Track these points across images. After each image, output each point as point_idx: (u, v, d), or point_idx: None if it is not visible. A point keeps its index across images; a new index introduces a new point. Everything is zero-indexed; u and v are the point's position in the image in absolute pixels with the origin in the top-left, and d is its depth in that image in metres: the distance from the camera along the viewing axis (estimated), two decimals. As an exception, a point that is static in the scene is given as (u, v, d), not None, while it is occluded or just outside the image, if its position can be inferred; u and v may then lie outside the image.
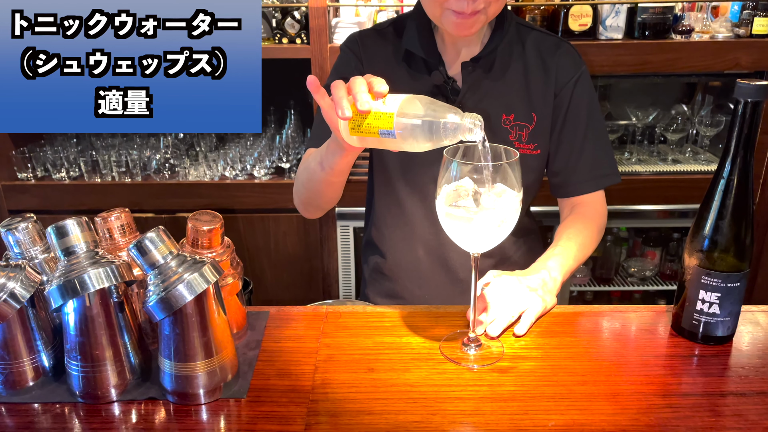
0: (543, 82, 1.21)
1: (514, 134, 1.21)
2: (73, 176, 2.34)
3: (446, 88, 1.20)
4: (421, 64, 1.21)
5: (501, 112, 1.21)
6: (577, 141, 1.23)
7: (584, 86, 1.22)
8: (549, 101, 1.21)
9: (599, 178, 1.25)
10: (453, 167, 0.82)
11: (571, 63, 1.22)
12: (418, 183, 1.26)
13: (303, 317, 1.01)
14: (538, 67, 1.21)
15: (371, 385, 0.85)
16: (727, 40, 2.15)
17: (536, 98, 1.21)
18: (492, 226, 0.82)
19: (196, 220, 0.88)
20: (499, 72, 1.21)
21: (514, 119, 1.21)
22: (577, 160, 1.24)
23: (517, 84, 1.21)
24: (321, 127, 1.24)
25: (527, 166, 1.21)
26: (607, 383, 0.85)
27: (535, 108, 1.21)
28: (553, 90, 1.21)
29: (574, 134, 1.23)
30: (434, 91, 1.21)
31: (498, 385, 0.85)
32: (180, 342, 0.79)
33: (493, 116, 1.20)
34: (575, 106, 1.22)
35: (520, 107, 1.21)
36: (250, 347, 0.93)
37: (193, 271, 0.78)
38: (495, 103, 1.21)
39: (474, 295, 0.91)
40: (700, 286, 0.91)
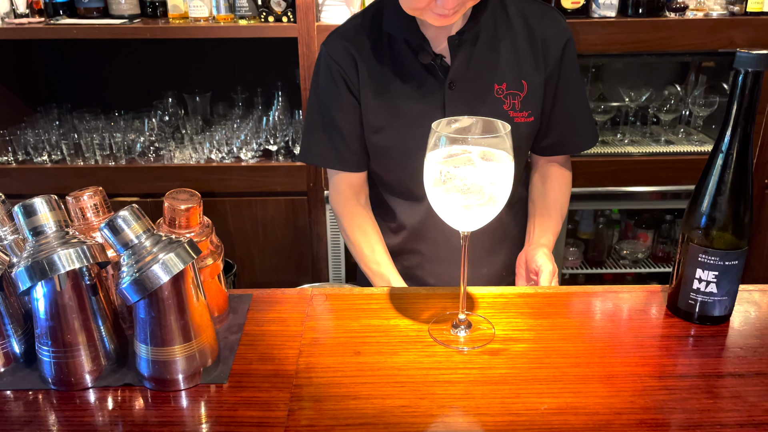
0: (531, 49, 1.20)
1: (508, 103, 1.20)
2: (55, 160, 2.29)
3: (435, 66, 1.17)
4: (405, 46, 1.18)
5: (493, 83, 1.19)
6: (570, 102, 1.25)
7: (572, 50, 1.23)
8: (539, 68, 1.20)
9: (590, 137, 1.32)
10: (442, 142, 0.78)
11: (557, 28, 1.21)
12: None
13: (287, 300, 0.98)
14: (524, 34, 1.20)
15: (357, 368, 0.82)
16: (721, 17, 2.11)
17: (526, 65, 1.20)
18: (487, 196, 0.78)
19: (173, 199, 0.84)
20: (487, 42, 1.18)
21: (507, 88, 1.19)
22: (572, 119, 1.27)
23: (505, 52, 1.19)
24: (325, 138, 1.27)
25: (521, 134, 1.22)
26: (601, 365, 0.82)
27: (525, 75, 1.20)
28: (542, 56, 1.20)
29: (567, 96, 1.25)
30: (422, 71, 1.18)
31: (489, 368, 0.82)
32: (156, 326, 0.76)
33: (486, 87, 1.18)
34: (566, 69, 1.22)
35: (511, 76, 1.19)
36: (232, 331, 0.90)
37: (168, 251, 0.74)
38: (486, 74, 1.18)
39: (464, 275, 0.88)
40: (697, 264, 0.88)
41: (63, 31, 2.09)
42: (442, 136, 0.78)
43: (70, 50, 2.55)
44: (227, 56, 2.55)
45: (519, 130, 1.21)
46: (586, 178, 2.24)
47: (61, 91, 2.62)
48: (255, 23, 2.10)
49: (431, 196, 0.82)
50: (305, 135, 1.30)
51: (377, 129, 1.22)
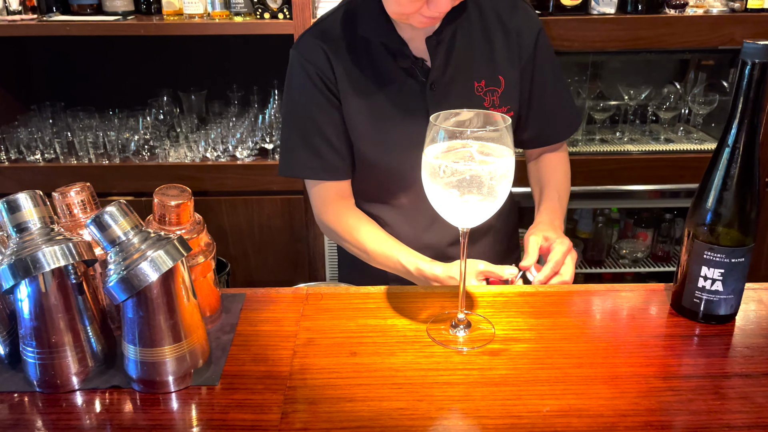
0: (505, 44, 1.18)
1: (489, 100, 1.19)
2: (48, 158, 2.26)
3: (415, 69, 1.15)
4: (382, 49, 1.15)
5: (473, 81, 1.17)
6: (548, 92, 1.25)
7: (545, 38, 1.22)
8: (514, 62, 1.19)
9: (572, 124, 1.32)
10: (440, 136, 0.76)
11: (529, 20, 1.20)
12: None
13: (282, 299, 0.95)
14: (498, 29, 1.18)
15: (353, 370, 0.79)
16: (722, 14, 2.09)
17: (501, 61, 1.18)
18: (486, 192, 0.76)
19: (163, 195, 0.82)
20: (463, 40, 1.17)
21: (486, 85, 1.18)
22: (551, 109, 1.27)
23: (480, 49, 1.18)
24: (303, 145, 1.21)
25: None
26: (604, 366, 0.80)
27: (502, 71, 1.18)
28: (517, 50, 1.19)
29: (543, 86, 1.24)
30: (402, 75, 1.15)
31: (489, 369, 0.79)
32: (145, 326, 0.73)
33: (467, 86, 1.17)
34: (541, 59, 1.21)
35: (488, 72, 1.18)
36: (224, 331, 0.87)
37: (157, 248, 0.71)
38: (465, 73, 1.17)
39: (463, 273, 0.85)
40: (702, 262, 0.86)
41: (55, 27, 2.06)
42: (441, 130, 0.76)
43: (64, 48, 2.52)
44: (223, 54, 2.52)
45: None
46: (585, 176, 2.22)
47: (55, 90, 2.59)
48: (250, 20, 2.08)
49: (429, 191, 0.79)
50: (284, 148, 1.23)
51: (359, 134, 1.19)
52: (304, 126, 1.19)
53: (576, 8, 2.09)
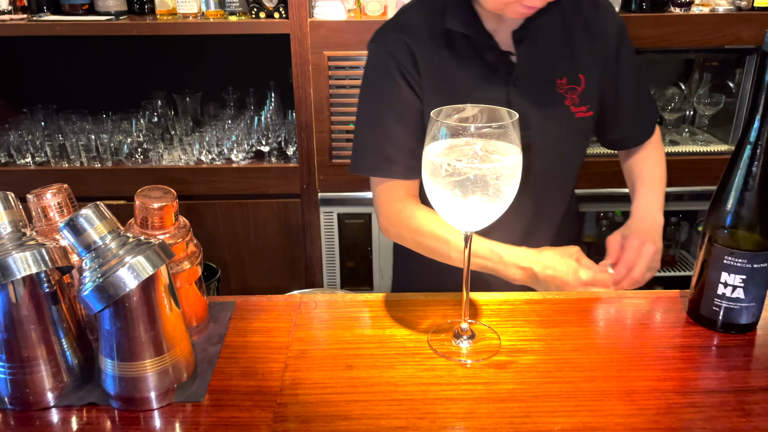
0: (587, 41, 1.14)
1: (569, 99, 1.14)
2: (39, 162, 2.20)
3: (500, 64, 1.10)
4: (465, 43, 1.10)
5: (555, 78, 1.13)
6: (633, 91, 1.22)
7: (627, 36, 1.19)
8: (596, 60, 1.15)
9: (654, 121, 1.29)
10: (442, 132, 0.71)
11: (612, 17, 1.17)
12: None
13: (273, 308, 0.90)
14: (579, 27, 1.14)
15: (349, 384, 0.74)
16: (728, 13, 2.04)
17: (582, 58, 1.14)
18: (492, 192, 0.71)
19: (145, 197, 0.76)
20: (545, 36, 1.12)
21: (566, 83, 1.13)
22: (639, 108, 1.24)
23: (561, 46, 1.13)
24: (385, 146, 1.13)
25: (581, 130, 1.18)
26: (619, 379, 0.74)
27: (582, 69, 1.14)
28: (600, 49, 1.15)
29: (630, 86, 1.21)
30: (486, 72, 1.10)
31: (495, 383, 0.74)
32: (123, 338, 0.68)
33: (548, 83, 1.13)
34: (625, 58, 1.18)
35: (569, 70, 1.13)
36: (212, 342, 0.82)
37: (137, 253, 0.66)
38: (548, 69, 1.13)
39: (466, 279, 0.80)
40: (722, 267, 0.80)
41: (45, 27, 2.01)
42: (443, 127, 0.70)
43: (57, 50, 2.47)
44: (218, 55, 2.47)
45: (581, 126, 1.16)
46: (588, 179, 2.16)
47: (49, 92, 2.53)
48: (246, 19, 2.03)
49: (430, 192, 0.74)
50: (356, 144, 1.17)
51: None
52: (378, 122, 1.14)
53: (579, 7, 2.04)
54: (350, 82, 2.04)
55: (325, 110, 2.06)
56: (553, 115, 1.13)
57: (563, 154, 1.19)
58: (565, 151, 1.18)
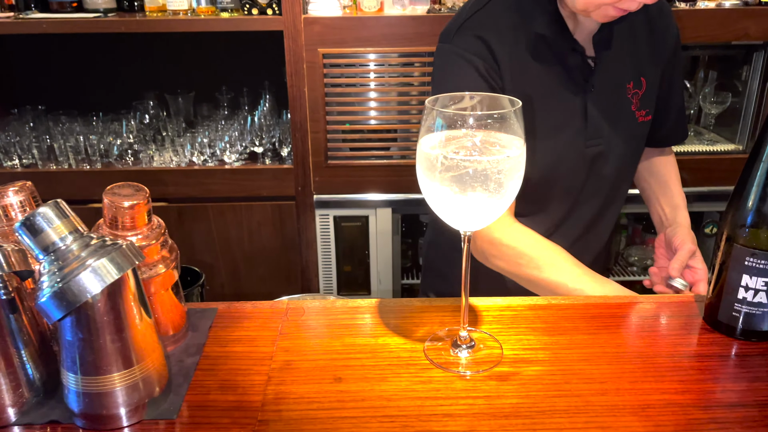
0: (649, 45, 1.13)
1: (635, 103, 1.13)
2: (26, 164, 2.14)
3: (579, 71, 1.07)
4: (546, 47, 1.04)
5: (624, 82, 1.11)
6: (678, 94, 1.25)
7: (680, 41, 1.21)
8: (658, 64, 1.15)
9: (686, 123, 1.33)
10: (438, 123, 0.64)
11: (670, 20, 1.17)
12: None
13: (258, 315, 0.83)
14: (644, 28, 1.13)
15: (337, 399, 0.67)
16: (735, 8, 1.98)
17: (644, 62, 1.13)
18: (492, 188, 0.64)
19: (114, 194, 0.70)
20: (618, 40, 1.10)
21: (633, 87, 1.12)
22: (680, 110, 1.27)
23: (628, 49, 1.11)
24: None
25: (642, 135, 1.18)
26: (633, 392, 0.68)
27: (644, 72, 1.13)
28: (662, 51, 1.15)
29: (676, 89, 1.25)
30: (564, 75, 1.06)
31: (497, 397, 0.67)
32: (86, 349, 0.61)
33: (620, 88, 1.11)
34: (678, 60, 1.21)
35: (634, 73, 1.12)
36: (189, 353, 0.75)
37: (100, 255, 0.59)
38: (620, 73, 1.11)
39: (465, 284, 0.74)
40: (743, 269, 0.74)
41: (31, 25, 1.95)
42: (439, 116, 0.64)
43: (46, 49, 2.41)
44: (212, 54, 2.41)
45: (642, 130, 1.17)
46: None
47: (37, 93, 2.47)
48: (238, 16, 1.97)
49: (425, 188, 0.68)
50: None
51: None
52: None
53: (581, 2, 1.98)
54: (346, 80, 1.98)
55: (320, 110, 2.00)
56: (621, 121, 1.12)
57: (627, 159, 1.19)
58: (629, 157, 1.20)
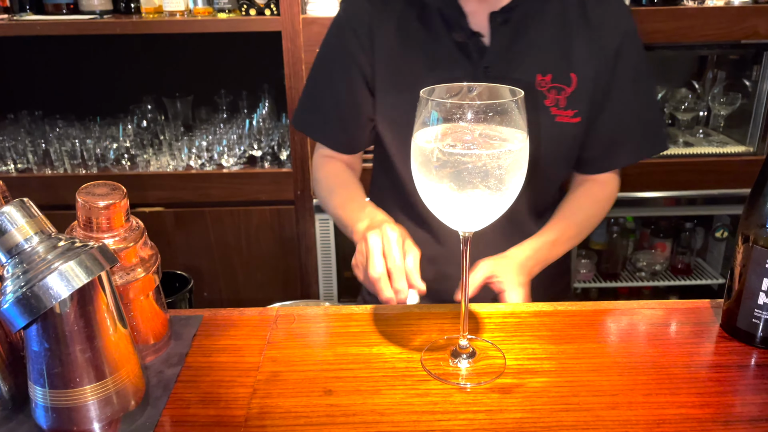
0: (585, 39, 1.01)
1: (551, 99, 1.01)
2: (21, 168, 2.11)
3: (469, 46, 0.99)
4: (438, 19, 1.00)
5: (535, 72, 1.00)
6: (624, 108, 1.05)
7: (633, 44, 1.02)
8: (593, 61, 1.01)
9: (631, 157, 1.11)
10: (434, 114, 0.60)
11: (618, 14, 1.02)
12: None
13: (246, 323, 0.78)
14: (579, 20, 1.01)
15: (326, 413, 0.63)
16: (744, 5, 1.93)
17: (577, 57, 1.00)
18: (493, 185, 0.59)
19: (88, 194, 0.66)
20: (533, 25, 1.00)
21: (551, 80, 1.00)
22: (623, 130, 1.07)
23: (553, 39, 1.01)
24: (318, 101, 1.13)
25: (561, 136, 1.02)
26: (646, 406, 0.63)
27: (575, 68, 1.00)
28: (598, 48, 1.01)
29: (616, 106, 1.04)
30: (453, 51, 1.00)
31: (499, 411, 0.62)
32: (54, 360, 0.57)
33: (527, 77, 1.00)
34: (623, 69, 1.02)
35: (558, 67, 1.00)
36: (170, 363, 0.71)
37: (68, 258, 0.55)
38: (528, 62, 1.00)
39: (464, 290, 0.69)
40: (764, 273, 0.69)
41: (25, 27, 1.92)
42: (435, 108, 0.60)
43: (42, 53, 2.38)
44: (210, 57, 2.37)
45: (560, 131, 1.02)
46: (599, 182, 2.05)
47: (34, 97, 2.44)
48: (235, 16, 1.93)
49: (421, 186, 0.63)
50: (302, 97, 1.15)
51: (392, 119, 1.05)
52: (323, 84, 1.11)
53: (586, 1, 1.94)
54: (346, 82, 1.93)
55: (319, 112, 1.96)
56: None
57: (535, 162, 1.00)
58: (537, 159, 0.97)
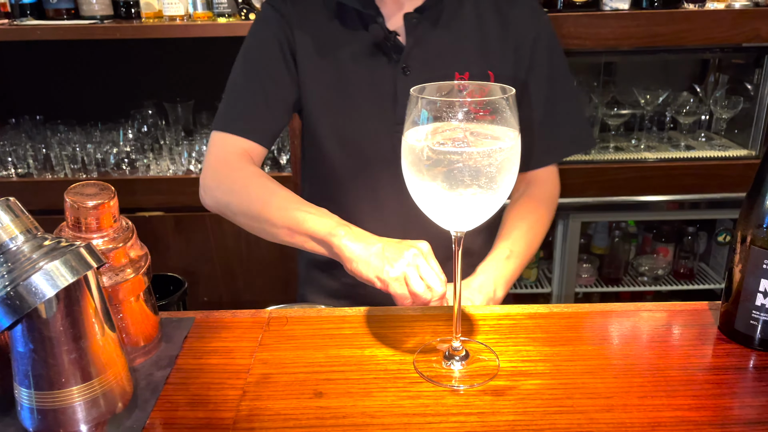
0: (500, 37, 1.03)
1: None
2: (21, 174, 2.11)
3: (387, 44, 1.00)
4: (356, 17, 1.02)
5: (453, 70, 1.01)
6: (539, 106, 1.06)
7: (547, 40, 1.05)
8: (508, 59, 1.03)
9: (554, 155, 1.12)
10: (424, 113, 0.59)
11: (530, 14, 1.05)
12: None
13: (238, 325, 0.78)
14: (494, 20, 1.03)
15: (316, 416, 0.62)
16: (745, 8, 1.92)
17: (493, 55, 1.03)
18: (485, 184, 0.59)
19: (77, 194, 0.65)
20: (449, 24, 1.02)
21: (469, 78, 1.02)
22: (540, 127, 1.07)
23: (470, 38, 1.03)
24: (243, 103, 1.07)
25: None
26: (641, 409, 0.62)
27: (492, 66, 1.03)
28: (513, 46, 1.03)
29: (534, 101, 1.06)
30: (373, 50, 1.01)
31: (491, 414, 0.61)
32: (39, 361, 0.56)
33: (445, 75, 1.01)
34: (539, 65, 1.05)
35: (475, 65, 1.02)
36: (160, 366, 0.70)
37: (53, 257, 0.54)
38: (446, 59, 1.02)
39: (457, 290, 0.68)
40: (761, 273, 0.68)
41: (25, 32, 1.92)
42: (426, 106, 0.59)
43: (43, 58, 2.38)
44: (210, 61, 2.37)
45: None
46: (600, 186, 2.04)
47: (36, 103, 2.45)
48: (235, 21, 1.93)
49: (411, 185, 0.62)
50: (223, 102, 1.10)
51: (315, 111, 1.05)
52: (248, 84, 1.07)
53: (587, 4, 1.93)
54: (345, 86, 1.93)
55: (319, 116, 1.95)
56: None
57: None
58: None
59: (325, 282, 1.17)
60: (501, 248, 1.01)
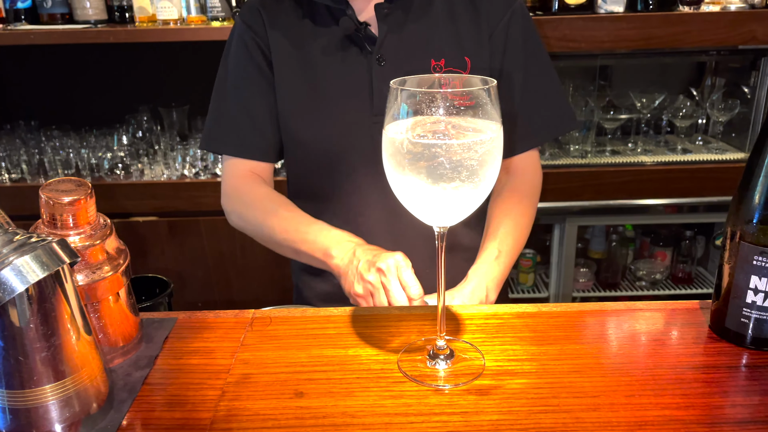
0: (473, 23, 1.02)
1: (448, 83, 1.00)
2: (15, 179, 2.10)
3: (359, 36, 1.00)
4: (327, 14, 1.02)
5: (429, 57, 1.01)
6: (516, 89, 1.05)
7: (520, 24, 1.04)
8: (483, 44, 1.03)
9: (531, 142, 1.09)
10: (404, 107, 0.58)
11: (501, 2, 1.04)
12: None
13: (220, 325, 0.76)
14: (465, 7, 1.03)
15: (296, 416, 0.60)
16: (740, 10, 1.92)
17: (468, 41, 1.02)
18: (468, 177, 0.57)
19: (52, 190, 0.64)
20: (421, 12, 1.02)
21: (445, 65, 1.01)
22: (519, 110, 1.06)
23: (443, 25, 1.02)
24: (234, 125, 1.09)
25: None
26: (628, 408, 0.60)
27: (468, 52, 1.02)
28: (487, 32, 1.03)
29: (513, 80, 1.05)
30: (345, 43, 1.01)
31: (475, 413, 0.60)
32: (9, 359, 0.55)
33: (420, 63, 1.01)
34: (513, 47, 1.04)
35: (451, 51, 1.01)
36: (139, 366, 0.68)
37: (23, 252, 0.53)
38: (420, 47, 1.02)
39: (441, 288, 0.67)
40: (751, 270, 0.66)
41: (19, 36, 1.92)
42: (406, 99, 0.58)
43: (37, 63, 2.38)
44: (205, 66, 2.36)
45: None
46: (596, 190, 2.03)
47: (30, 108, 2.44)
48: (228, 25, 1.92)
49: (393, 180, 0.61)
50: (207, 119, 1.12)
51: (290, 109, 1.05)
52: (229, 96, 1.09)
53: (582, 7, 1.93)
54: (339, 90, 1.92)
55: (313, 120, 1.95)
56: None
57: None
58: None
59: (318, 285, 1.16)
60: (489, 249, 0.99)
